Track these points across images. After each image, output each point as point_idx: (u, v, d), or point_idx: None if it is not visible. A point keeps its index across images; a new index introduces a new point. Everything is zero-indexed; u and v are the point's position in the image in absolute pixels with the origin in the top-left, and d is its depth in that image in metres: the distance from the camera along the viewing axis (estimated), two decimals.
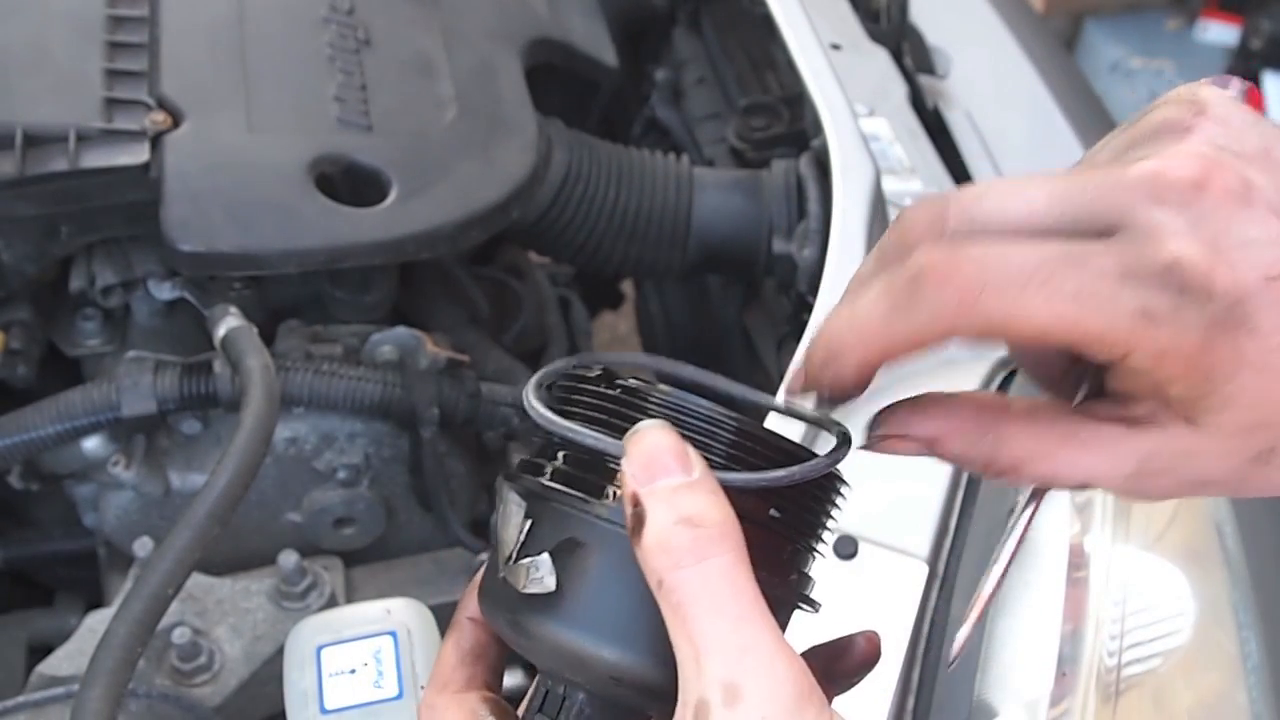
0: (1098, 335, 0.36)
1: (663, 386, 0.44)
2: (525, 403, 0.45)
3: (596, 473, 0.43)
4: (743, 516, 0.41)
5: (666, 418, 0.43)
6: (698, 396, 0.44)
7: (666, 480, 0.40)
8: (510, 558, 0.43)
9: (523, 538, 0.44)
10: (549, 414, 0.44)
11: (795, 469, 0.42)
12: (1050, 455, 0.40)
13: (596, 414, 0.44)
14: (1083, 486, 0.41)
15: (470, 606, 0.50)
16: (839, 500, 0.47)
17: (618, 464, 0.41)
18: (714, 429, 0.43)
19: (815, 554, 0.46)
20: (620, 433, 0.42)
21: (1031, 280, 0.36)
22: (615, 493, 0.42)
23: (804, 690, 0.38)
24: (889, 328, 0.39)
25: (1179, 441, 0.38)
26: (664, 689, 0.41)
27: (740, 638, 0.38)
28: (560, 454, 0.45)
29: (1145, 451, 0.39)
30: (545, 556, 0.42)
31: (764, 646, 0.38)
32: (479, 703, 0.47)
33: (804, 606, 0.46)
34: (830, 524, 0.47)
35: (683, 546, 0.39)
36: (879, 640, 0.49)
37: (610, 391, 0.44)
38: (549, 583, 0.42)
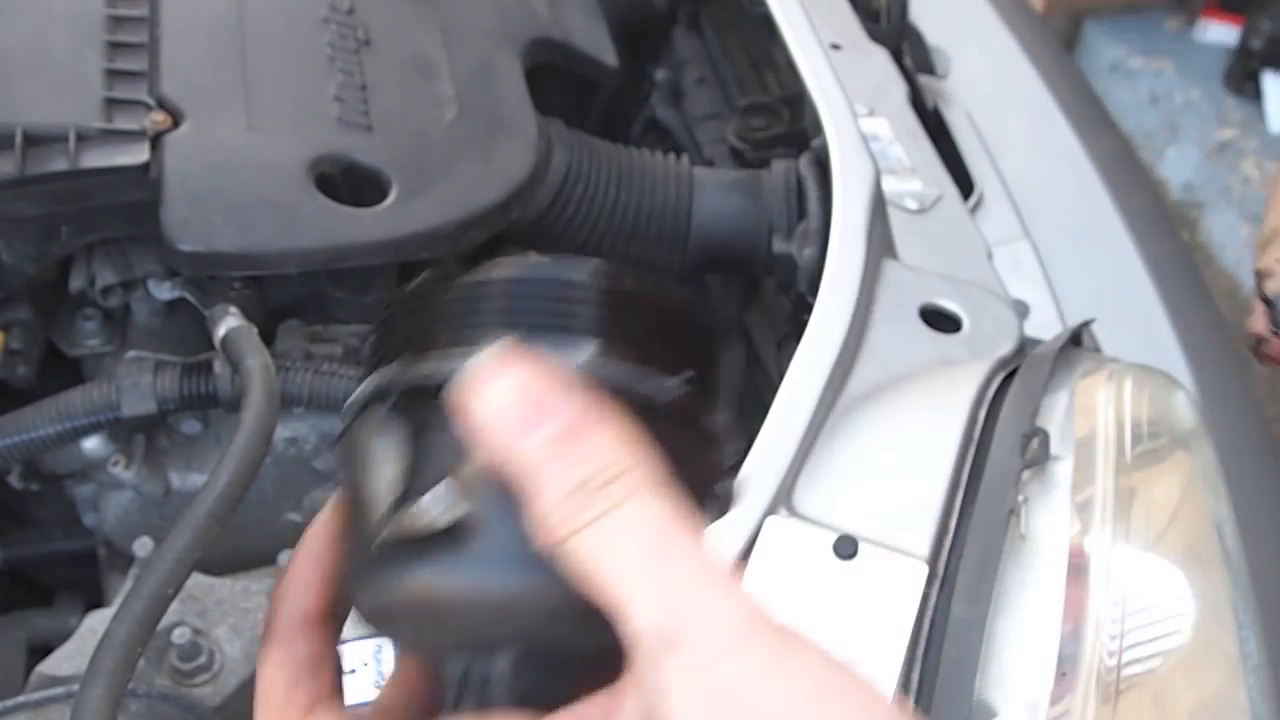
0: None
1: (493, 275, 0.35)
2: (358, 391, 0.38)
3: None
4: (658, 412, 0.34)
5: (505, 314, 0.35)
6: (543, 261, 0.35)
7: (538, 435, 0.32)
8: (396, 504, 0.36)
9: (405, 478, 0.36)
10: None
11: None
12: None
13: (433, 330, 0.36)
14: None
15: (288, 608, 0.40)
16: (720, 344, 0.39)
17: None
18: (575, 304, 0.35)
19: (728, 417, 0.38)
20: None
21: None
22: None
23: (750, 617, 0.32)
24: None
25: None
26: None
27: (668, 575, 0.32)
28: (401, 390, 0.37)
29: None
30: (445, 484, 0.34)
31: (694, 581, 0.32)
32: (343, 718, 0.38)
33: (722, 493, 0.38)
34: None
35: (583, 508, 0.32)
36: None
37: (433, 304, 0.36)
38: (459, 509, 0.34)
